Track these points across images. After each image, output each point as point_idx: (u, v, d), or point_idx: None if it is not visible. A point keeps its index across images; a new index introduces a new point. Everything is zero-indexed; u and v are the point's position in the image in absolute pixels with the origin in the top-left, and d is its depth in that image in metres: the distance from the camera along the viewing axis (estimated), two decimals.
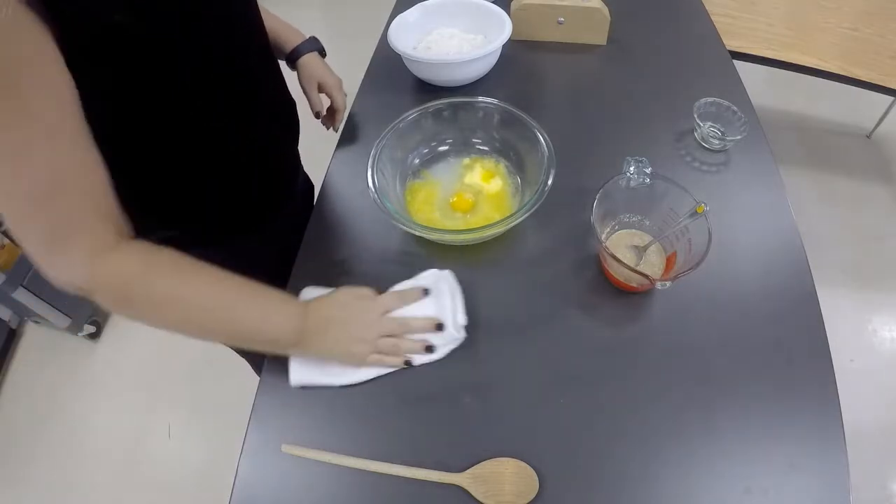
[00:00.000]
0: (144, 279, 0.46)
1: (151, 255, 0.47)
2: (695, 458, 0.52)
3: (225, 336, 0.54)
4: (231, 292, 0.51)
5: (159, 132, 0.53)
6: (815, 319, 0.61)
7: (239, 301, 0.51)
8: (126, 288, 0.46)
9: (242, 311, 0.51)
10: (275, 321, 0.53)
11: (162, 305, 0.48)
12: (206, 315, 0.50)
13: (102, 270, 0.44)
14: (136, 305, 0.47)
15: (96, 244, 0.44)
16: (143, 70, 0.47)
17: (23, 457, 1.43)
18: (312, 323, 0.54)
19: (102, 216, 0.44)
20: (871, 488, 1.31)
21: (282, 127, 0.72)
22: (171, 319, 0.49)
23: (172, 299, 0.48)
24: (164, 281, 0.47)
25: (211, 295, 0.49)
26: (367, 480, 0.52)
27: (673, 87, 0.89)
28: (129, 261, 0.45)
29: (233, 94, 0.59)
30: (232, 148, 0.62)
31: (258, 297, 0.53)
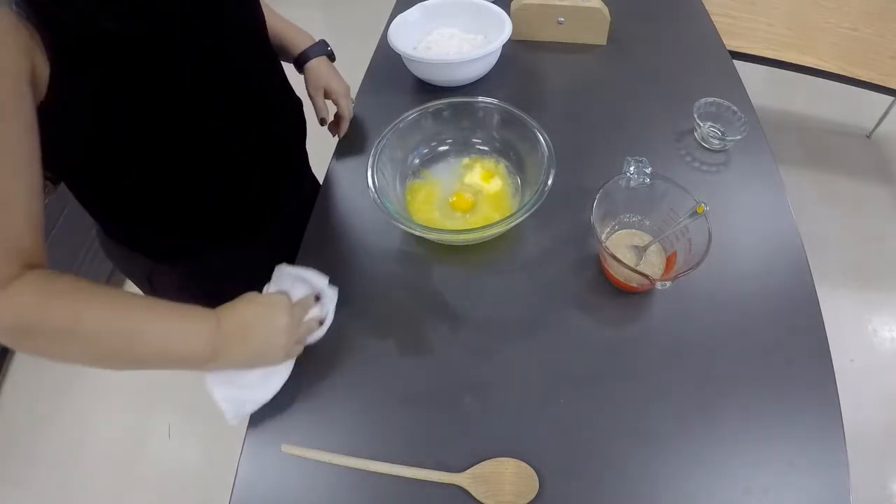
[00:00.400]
0: (39, 312, 0.43)
1: (47, 284, 0.44)
2: (695, 458, 0.52)
3: (132, 361, 0.49)
4: (129, 313, 0.47)
5: (159, 131, 0.53)
6: (815, 319, 0.61)
7: (139, 322, 0.47)
8: (22, 323, 0.43)
9: (143, 333, 0.47)
10: (181, 338, 0.49)
11: (59, 337, 0.44)
12: (106, 342, 0.46)
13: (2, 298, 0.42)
14: (37, 340, 0.44)
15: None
16: (143, 70, 0.47)
17: (23, 457, 1.43)
18: (228, 331, 0.51)
19: (7, 252, 0.42)
20: (871, 488, 1.31)
21: (285, 126, 0.72)
22: (72, 352, 0.46)
23: (68, 330, 0.44)
24: (59, 311, 0.44)
25: (108, 319, 0.46)
26: (367, 480, 0.52)
27: (673, 87, 0.89)
28: (22, 294, 0.42)
29: (233, 94, 0.59)
30: (232, 148, 0.62)
31: (161, 314, 0.49)
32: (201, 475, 1.36)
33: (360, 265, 0.68)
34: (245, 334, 0.52)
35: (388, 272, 0.67)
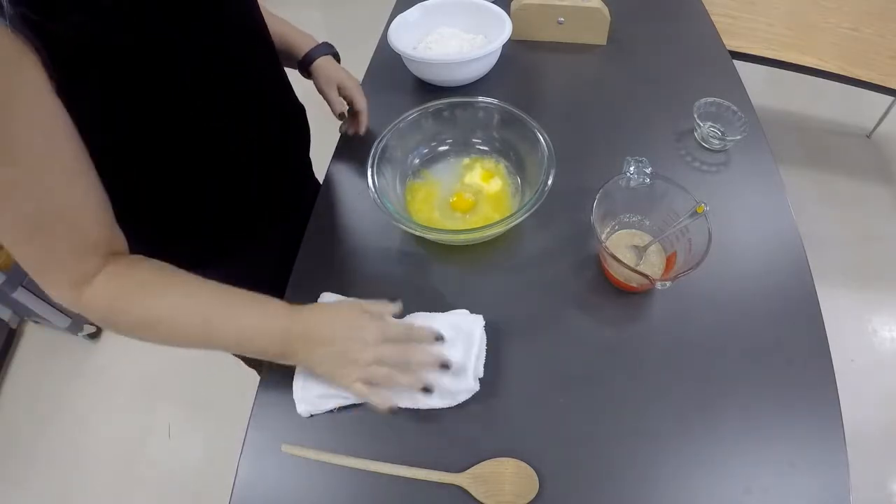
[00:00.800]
0: (119, 307, 0.48)
1: (125, 278, 0.48)
2: (695, 458, 0.52)
3: (210, 347, 0.52)
4: (204, 307, 0.50)
5: (159, 131, 0.53)
6: (815, 319, 0.61)
7: (213, 317, 0.50)
8: (106, 315, 0.48)
9: (216, 328, 0.50)
10: (254, 335, 0.51)
11: (141, 328, 0.49)
12: (182, 334, 0.50)
13: (83, 300, 0.47)
14: (121, 328, 0.49)
15: (74, 278, 0.46)
16: (143, 71, 0.47)
17: (23, 457, 1.43)
18: (296, 336, 0.51)
19: (85, 250, 0.46)
20: (871, 488, 1.31)
21: (285, 128, 0.72)
22: (153, 338, 0.50)
23: (145, 323, 0.49)
24: (135, 307, 0.48)
25: (183, 313, 0.49)
26: (367, 480, 0.52)
27: (673, 87, 0.89)
28: (104, 290, 0.47)
29: (233, 94, 0.59)
30: (231, 147, 0.62)
31: (236, 308, 0.51)
32: (201, 475, 1.36)
33: (360, 265, 0.68)
34: (309, 347, 0.51)
35: (388, 272, 0.67)
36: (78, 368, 1.58)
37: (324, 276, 0.66)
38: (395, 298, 0.56)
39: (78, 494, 1.36)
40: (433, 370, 0.53)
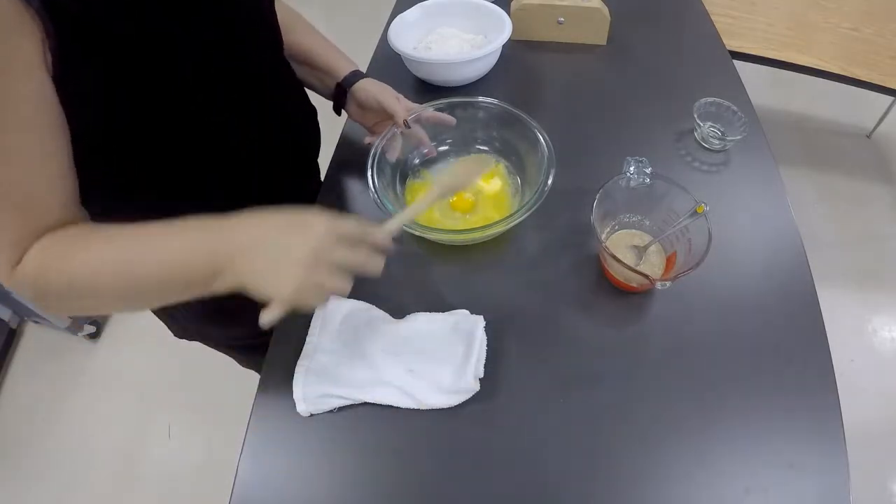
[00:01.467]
0: (40, 278, 0.45)
1: (49, 248, 0.45)
2: (695, 458, 0.52)
3: (141, 298, 0.48)
4: (122, 250, 0.46)
5: (159, 123, 0.52)
6: (815, 319, 0.61)
7: (133, 255, 0.45)
8: (35, 293, 0.46)
9: (141, 264, 0.45)
10: (179, 260, 0.45)
11: (65, 295, 0.46)
12: (104, 287, 0.45)
13: (15, 277, 0.45)
14: (52, 301, 0.47)
15: (15, 258, 0.44)
16: (144, 61, 0.47)
17: (23, 456, 1.43)
18: (227, 241, 0.45)
19: (35, 233, 0.44)
20: (871, 488, 1.31)
21: (287, 129, 0.71)
22: (84, 304, 0.47)
23: (67, 285, 0.45)
24: (54, 272, 0.45)
25: (100, 263, 0.45)
26: (367, 481, 0.52)
27: (673, 87, 0.89)
28: (27, 264, 0.45)
29: (234, 90, 0.58)
30: (232, 143, 0.61)
31: (156, 240, 0.46)
32: (201, 475, 1.36)
33: None
34: (247, 247, 0.44)
35: (389, 272, 0.67)
36: (78, 368, 1.57)
37: None
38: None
39: (78, 494, 1.36)
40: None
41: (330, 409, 0.55)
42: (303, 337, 0.59)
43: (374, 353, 0.57)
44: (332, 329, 0.60)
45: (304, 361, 0.57)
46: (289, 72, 0.70)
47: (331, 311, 0.61)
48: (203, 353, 1.31)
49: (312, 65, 0.76)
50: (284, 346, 0.60)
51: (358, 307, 0.62)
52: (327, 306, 0.61)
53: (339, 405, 0.55)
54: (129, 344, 1.62)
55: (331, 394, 0.55)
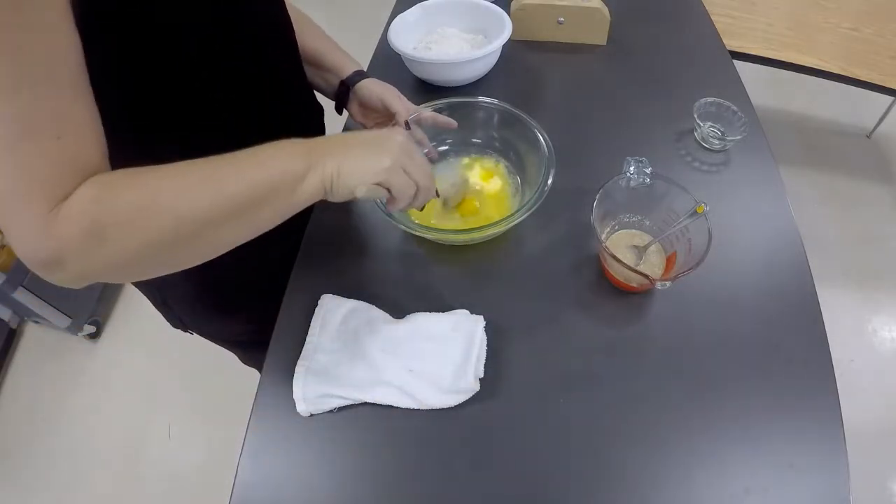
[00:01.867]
0: (105, 200, 0.39)
1: (106, 177, 0.40)
2: (695, 458, 0.52)
3: (226, 211, 0.43)
4: (206, 163, 0.43)
5: (161, 102, 0.52)
6: (815, 319, 0.61)
7: (221, 165, 0.44)
8: (91, 222, 0.38)
9: (231, 172, 0.43)
10: (272, 160, 0.45)
11: (136, 221, 0.39)
12: (192, 194, 0.41)
13: (61, 215, 0.37)
14: (112, 237, 0.39)
15: (56, 196, 0.38)
16: (148, 35, 0.46)
17: (23, 456, 1.43)
18: (321, 142, 0.48)
19: (75, 169, 0.39)
20: (871, 488, 1.31)
21: (288, 120, 0.70)
22: (157, 233, 0.40)
23: (142, 207, 0.39)
24: (125, 192, 0.40)
25: (186, 173, 0.42)
26: (367, 481, 0.52)
27: (673, 87, 0.89)
28: (81, 192, 0.38)
29: (236, 72, 0.57)
30: (230, 125, 0.60)
31: (241, 155, 0.45)
32: (201, 475, 1.37)
33: (360, 265, 0.68)
34: (342, 146, 0.48)
35: (388, 272, 0.67)
36: (78, 368, 1.58)
37: (324, 276, 0.66)
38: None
39: (78, 494, 1.36)
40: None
41: (330, 409, 0.55)
42: (303, 337, 0.59)
43: (374, 352, 0.57)
44: (332, 329, 0.60)
45: (304, 361, 0.57)
46: (297, 67, 0.70)
47: (330, 311, 0.61)
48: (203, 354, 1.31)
49: (319, 66, 0.76)
50: (284, 345, 0.60)
51: (358, 307, 0.62)
52: (327, 305, 0.61)
53: (339, 405, 0.55)
54: (129, 344, 1.62)
55: (331, 394, 0.55)
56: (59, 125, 0.38)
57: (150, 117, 0.52)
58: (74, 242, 0.38)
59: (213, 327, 0.82)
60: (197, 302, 0.74)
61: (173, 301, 0.74)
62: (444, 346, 0.57)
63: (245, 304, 0.75)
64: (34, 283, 1.42)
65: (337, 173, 0.47)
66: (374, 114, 0.75)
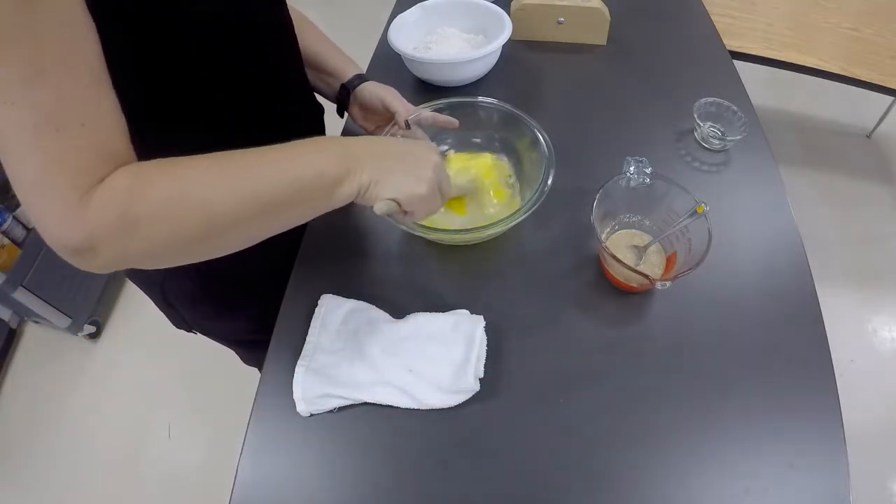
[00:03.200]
0: (138, 190, 0.39)
1: (140, 167, 0.41)
2: (694, 458, 0.52)
3: (259, 213, 0.43)
4: (242, 156, 0.43)
5: (163, 99, 0.52)
6: (815, 319, 0.61)
7: (257, 160, 0.43)
8: (122, 211, 0.38)
9: (267, 168, 0.43)
10: (309, 161, 0.45)
11: (168, 212, 0.39)
12: (228, 189, 0.41)
13: (92, 202, 0.37)
14: (144, 226, 0.39)
15: (85, 184, 0.38)
16: (150, 31, 0.46)
17: (23, 457, 1.43)
18: (359, 149, 0.47)
19: (101, 157, 0.39)
20: (871, 488, 1.31)
21: (288, 118, 0.70)
22: (190, 225, 0.40)
23: (175, 198, 0.39)
24: (159, 182, 0.40)
25: (218, 169, 0.42)
26: (367, 481, 0.52)
27: (673, 87, 0.89)
28: (115, 180, 0.39)
29: (239, 71, 0.57)
30: (232, 124, 0.60)
31: (276, 150, 0.45)
32: (201, 475, 1.37)
33: (360, 265, 0.68)
34: (378, 156, 0.48)
35: (388, 272, 0.67)
36: (78, 368, 1.58)
37: (324, 276, 0.66)
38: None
39: (78, 494, 1.36)
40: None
41: (330, 409, 0.55)
42: (303, 337, 0.59)
43: (374, 352, 0.57)
44: (332, 329, 0.60)
45: (303, 361, 0.57)
46: (300, 70, 0.70)
47: (330, 311, 0.61)
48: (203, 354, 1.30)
49: (320, 69, 0.76)
50: (284, 345, 0.60)
51: (358, 307, 0.62)
52: (327, 305, 0.61)
53: (339, 405, 0.55)
54: (129, 344, 1.62)
55: (331, 394, 0.55)
56: (82, 113, 0.38)
57: (151, 116, 0.52)
58: (106, 229, 0.38)
59: (216, 325, 0.82)
60: (199, 300, 0.74)
61: (176, 299, 0.74)
62: (444, 346, 0.57)
63: (247, 303, 0.76)
64: (34, 283, 1.42)
65: (373, 184, 0.47)
66: (375, 116, 0.75)
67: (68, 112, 0.37)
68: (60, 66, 0.37)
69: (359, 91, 0.74)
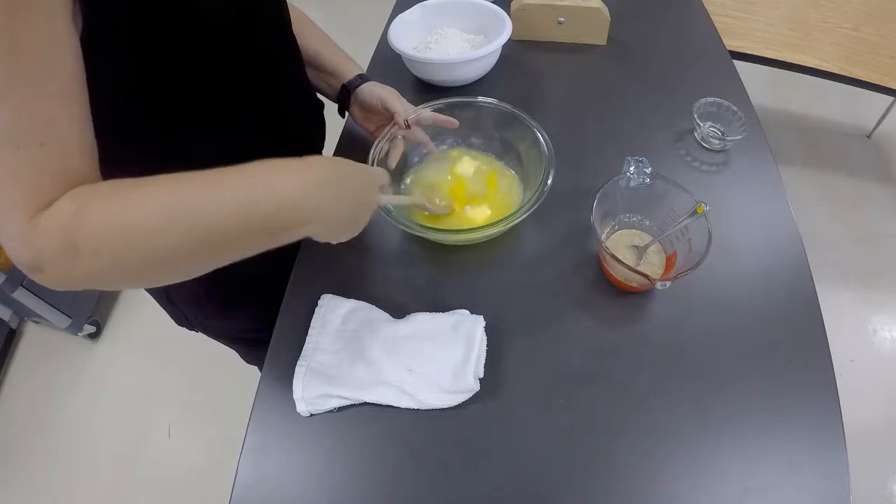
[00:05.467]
0: (81, 216, 0.37)
1: (87, 190, 0.39)
2: (694, 458, 0.52)
3: (209, 249, 0.42)
4: (189, 186, 0.41)
5: (164, 97, 0.51)
6: (815, 319, 0.61)
7: (200, 193, 0.40)
8: (64, 239, 0.37)
9: (209, 203, 0.40)
10: (261, 197, 0.42)
11: (111, 241, 0.38)
12: (168, 228, 0.39)
13: (40, 225, 0.37)
14: (86, 253, 0.37)
15: (34, 204, 0.37)
16: (152, 35, 0.46)
17: (23, 457, 1.43)
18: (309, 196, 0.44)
19: (60, 177, 0.38)
20: (871, 488, 1.31)
21: (292, 115, 0.70)
22: (134, 257, 0.39)
23: (118, 225, 0.38)
24: (103, 209, 0.38)
25: (165, 200, 0.39)
26: (366, 480, 0.52)
27: (673, 87, 0.89)
28: (60, 205, 0.37)
29: (240, 68, 0.57)
30: (235, 131, 0.60)
31: (223, 178, 0.42)
32: (201, 475, 1.36)
33: (360, 265, 0.68)
34: (338, 189, 0.48)
35: (388, 272, 0.67)
36: (78, 368, 1.57)
37: (324, 276, 0.66)
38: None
39: (78, 495, 1.36)
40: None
41: (330, 409, 0.55)
42: (303, 337, 0.59)
43: (374, 352, 0.57)
44: (332, 329, 0.60)
45: (303, 361, 0.57)
46: (300, 67, 0.69)
47: (331, 310, 0.61)
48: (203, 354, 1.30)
49: (321, 68, 0.76)
50: (284, 345, 0.60)
51: (358, 307, 0.62)
52: (327, 305, 0.61)
53: (339, 405, 0.55)
54: (130, 343, 1.62)
55: (331, 394, 0.55)
56: (44, 133, 0.37)
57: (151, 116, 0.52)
58: (50, 254, 0.37)
59: (217, 324, 0.82)
60: (201, 298, 0.74)
61: (177, 298, 0.74)
62: (444, 346, 0.57)
63: (250, 301, 0.76)
64: (34, 283, 1.41)
65: (317, 235, 0.48)
66: (376, 116, 0.75)
67: (30, 131, 0.37)
68: (30, 84, 0.36)
69: (359, 91, 0.74)
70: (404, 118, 0.70)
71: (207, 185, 0.41)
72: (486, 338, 0.58)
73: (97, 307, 1.63)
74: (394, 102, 0.71)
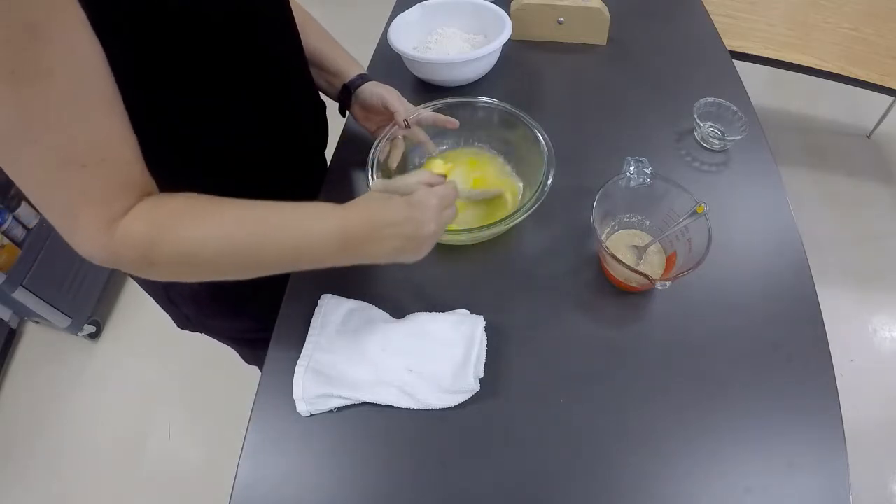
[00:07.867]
0: (159, 237, 0.44)
1: (160, 209, 0.45)
2: (695, 458, 0.52)
3: (261, 271, 0.50)
4: (253, 223, 0.47)
5: (164, 97, 0.51)
6: (815, 319, 0.61)
7: (265, 230, 0.48)
8: (144, 250, 0.43)
9: (273, 240, 0.48)
10: (311, 241, 0.49)
11: (185, 256, 0.45)
12: (230, 260, 0.47)
13: (117, 237, 0.42)
14: (161, 262, 0.45)
15: (110, 216, 0.42)
16: (154, 34, 0.46)
17: (23, 457, 1.43)
18: (355, 226, 0.50)
19: (123, 187, 0.43)
20: (871, 488, 1.31)
21: (295, 115, 0.70)
22: (201, 269, 0.47)
23: (194, 248, 0.45)
24: (174, 239, 0.44)
25: (227, 237, 0.46)
26: (366, 481, 0.52)
27: (673, 87, 0.89)
28: (140, 221, 0.43)
29: (242, 68, 0.57)
30: (237, 132, 0.60)
31: (286, 218, 0.49)
32: (201, 475, 1.36)
33: (360, 265, 0.68)
34: (377, 230, 0.50)
35: (389, 272, 0.67)
36: (78, 368, 1.57)
37: (324, 276, 0.66)
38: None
39: (78, 494, 1.36)
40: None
41: (330, 409, 0.55)
42: (303, 337, 0.59)
43: (374, 352, 0.57)
44: (332, 329, 0.60)
45: (303, 361, 0.57)
46: (304, 66, 0.69)
47: (331, 310, 0.61)
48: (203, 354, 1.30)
49: (322, 67, 0.76)
50: (284, 345, 0.60)
51: (358, 307, 0.62)
52: (327, 305, 0.61)
53: (339, 405, 0.55)
54: (130, 344, 1.62)
55: (331, 394, 0.55)
56: (103, 148, 0.41)
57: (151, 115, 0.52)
58: (127, 262, 0.44)
59: (219, 324, 0.82)
60: (202, 299, 0.74)
61: (179, 298, 0.74)
62: (444, 346, 0.57)
63: (252, 301, 0.75)
64: (34, 283, 1.42)
65: (369, 260, 0.52)
66: (376, 116, 0.75)
67: (90, 149, 0.40)
68: (72, 103, 0.39)
69: (360, 91, 0.74)
70: (404, 118, 0.70)
71: (268, 227, 0.48)
72: (486, 338, 0.58)
73: (97, 307, 1.63)
74: (394, 102, 0.71)
